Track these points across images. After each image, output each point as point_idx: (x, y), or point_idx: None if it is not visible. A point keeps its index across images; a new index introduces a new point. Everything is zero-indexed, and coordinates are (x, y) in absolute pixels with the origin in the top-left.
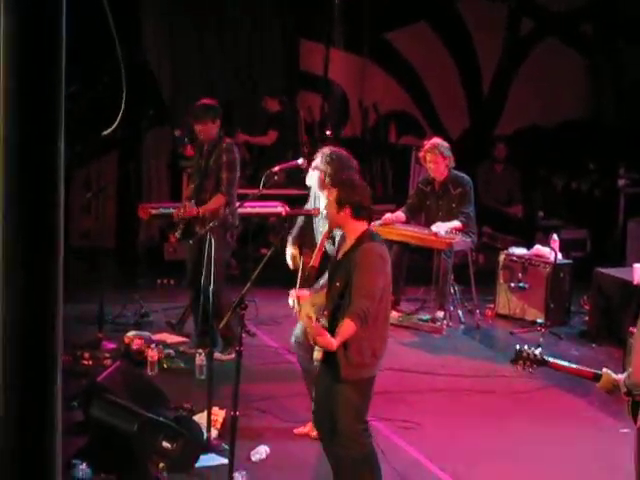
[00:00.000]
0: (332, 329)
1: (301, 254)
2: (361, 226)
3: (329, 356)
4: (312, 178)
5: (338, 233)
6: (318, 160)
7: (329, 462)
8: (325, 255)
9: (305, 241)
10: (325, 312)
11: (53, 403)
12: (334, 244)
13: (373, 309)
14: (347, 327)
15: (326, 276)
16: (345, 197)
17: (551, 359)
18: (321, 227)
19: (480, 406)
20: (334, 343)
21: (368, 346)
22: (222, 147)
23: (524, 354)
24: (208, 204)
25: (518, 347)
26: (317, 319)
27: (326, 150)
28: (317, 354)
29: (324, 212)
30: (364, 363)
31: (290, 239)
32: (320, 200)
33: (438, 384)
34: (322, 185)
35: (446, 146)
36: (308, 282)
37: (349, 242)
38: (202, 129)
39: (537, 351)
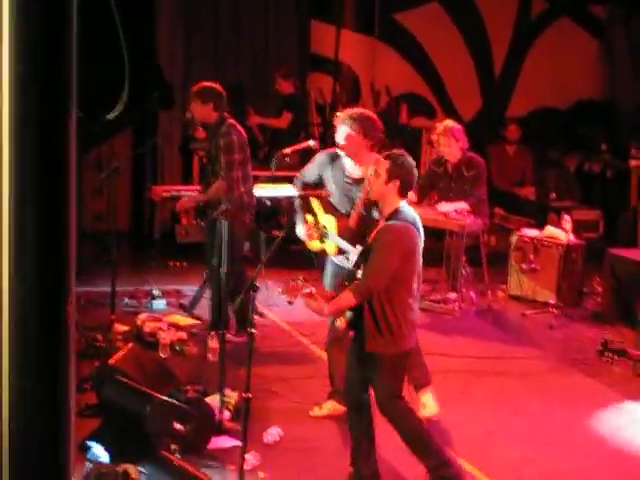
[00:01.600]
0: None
1: (337, 220)
2: (397, 203)
3: (359, 331)
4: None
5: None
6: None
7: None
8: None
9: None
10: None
11: (66, 385)
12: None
13: (381, 287)
14: (345, 297)
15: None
16: (397, 171)
17: (633, 351)
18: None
19: (492, 388)
20: (325, 309)
21: (393, 323)
22: (220, 131)
23: (609, 345)
24: (208, 192)
25: (605, 339)
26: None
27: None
28: (338, 322)
29: (367, 181)
30: (391, 339)
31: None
32: (337, 166)
33: (450, 365)
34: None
35: (459, 128)
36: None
37: (382, 219)
38: (194, 110)
39: (620, 343)
